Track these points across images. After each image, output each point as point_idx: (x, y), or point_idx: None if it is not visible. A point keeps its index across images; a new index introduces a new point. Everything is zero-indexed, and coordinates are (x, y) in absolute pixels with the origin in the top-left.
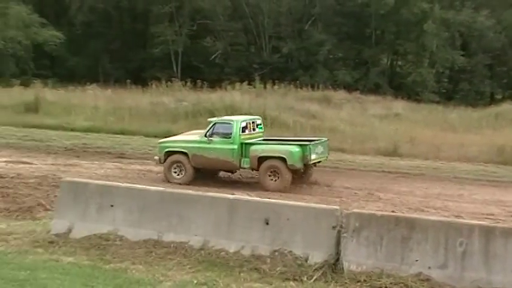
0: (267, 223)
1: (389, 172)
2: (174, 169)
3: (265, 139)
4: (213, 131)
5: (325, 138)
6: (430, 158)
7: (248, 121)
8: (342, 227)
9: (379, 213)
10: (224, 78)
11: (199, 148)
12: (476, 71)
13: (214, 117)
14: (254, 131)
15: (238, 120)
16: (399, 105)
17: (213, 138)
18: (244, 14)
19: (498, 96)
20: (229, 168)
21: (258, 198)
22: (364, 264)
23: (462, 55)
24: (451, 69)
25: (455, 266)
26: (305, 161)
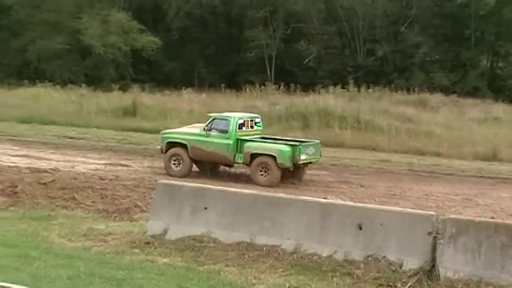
0: (360, 228)
1: (489, 177)
2: (174, 161)
3: (263, 137)
4: (211, 125)
5: (317, 141)
6: None
7: (246, 119)
8: (438, 233)
9: (477, 219)
10: (317, 81)
11: (198, 141)
12: None
13: (213, 113)
14: (252, 129)
15: (236, 117)
16: (499, 109)
17: (211, 133)
18: (338, 17)
19: None
20: (224, 162)
21: (351, 203)
22: (461, 271)
23: None
24: None
25: None
26: (294, 160)
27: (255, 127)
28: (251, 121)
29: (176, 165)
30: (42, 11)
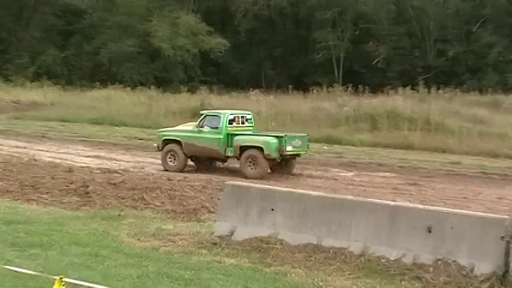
0: (429, 231)
1: None
2: (169, 158)
3: (254, 133)
4: (204, 122)
5: (305, 134)
6: None
7: (236, 115)
8: None
9: None
10: (386, 82)
11: (190, 137)
12: None
13: (206, 110)
14: (243, 124)
15: (226, 113)
16: None
17: (203, 129)
18: (408, 18)
19: None
20: (216, 156)
21: (420, 206)
22: None
23: None
24: None
25: None
26: (281, 151)
27: (246, 123)
28: (242, 117)
29: (172, 161)
30: (114, 15)
